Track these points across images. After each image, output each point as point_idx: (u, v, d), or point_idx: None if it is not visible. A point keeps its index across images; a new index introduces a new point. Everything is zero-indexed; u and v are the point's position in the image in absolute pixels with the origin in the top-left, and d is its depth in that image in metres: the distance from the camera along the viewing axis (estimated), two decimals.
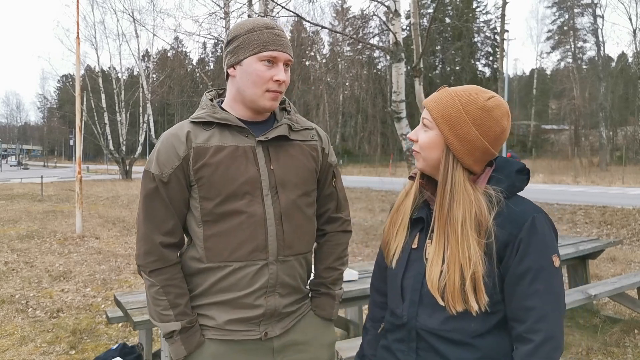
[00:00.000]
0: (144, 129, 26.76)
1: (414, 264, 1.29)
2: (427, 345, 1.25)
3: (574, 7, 41.13)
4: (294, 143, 1.50)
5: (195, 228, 1.45)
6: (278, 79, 1.41)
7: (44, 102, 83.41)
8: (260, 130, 1.47)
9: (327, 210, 1.64)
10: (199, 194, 1.42)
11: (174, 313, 1.43)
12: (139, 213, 1.47)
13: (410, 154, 6.28)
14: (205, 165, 1.40)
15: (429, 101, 1.29)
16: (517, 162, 1.31)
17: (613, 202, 13.20)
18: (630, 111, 36.88)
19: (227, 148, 1.42)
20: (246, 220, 1.41)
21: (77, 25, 9.70)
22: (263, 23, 1.45)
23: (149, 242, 1.43)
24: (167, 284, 1.43)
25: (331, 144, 1.65)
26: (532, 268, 1.18)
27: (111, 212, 12.60)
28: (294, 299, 1.53)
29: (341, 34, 13.16)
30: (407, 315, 1.28)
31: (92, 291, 5.49)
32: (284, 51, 1.43)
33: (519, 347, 1.19)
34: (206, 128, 1.44)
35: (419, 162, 1.31)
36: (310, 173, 1.53)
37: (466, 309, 1.19)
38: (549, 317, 1.17)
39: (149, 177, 1.43)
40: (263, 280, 1.43)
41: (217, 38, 12.61)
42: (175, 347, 1.44)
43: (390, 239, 1.36)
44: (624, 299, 4.17)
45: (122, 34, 33.59)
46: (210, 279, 1.44)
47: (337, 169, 1.65)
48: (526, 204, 1.24)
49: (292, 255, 1.48)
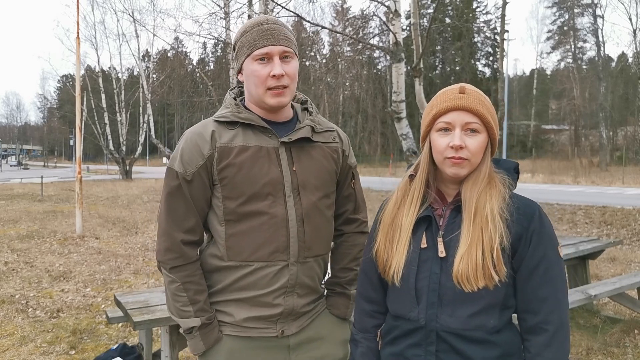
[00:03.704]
0: (144, 129, 26.73)
1: (426, 264, 1.26)
2: (447, 346, 1.23)
3: (574, 7, 41.16)
4: (315, 145, 1.50)
5: (217, 226, 1.45)
6: (274, 74, 1.39)
7: (44, 102, 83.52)
8: (282, 130, 1.46)
9: (345, 211, 1.64)
10: (222, 193, 1.42)
11: (193, 309, 1.44)
12: (161, 210, 1.47)
13: (410, 153, 6.27)
14: (229, 165, 1.40)
15: (473, 104, 1.23)
16: (512, 161, 1.35)
17: (613, 202, 13.20)
18: (630, 111, 36.87)
19: (250, 148, 1.42)
20: (268, 221, 1.41)
21: (77, 25, 9.69)
22: (253, 22, 1.44)
23: (170, 239, 1.44)
24: (187, 280, 1.44)
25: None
26: (544, 259, 1.21)
27: (111, 212, 12.60)
28: (311, 299, 1.54)
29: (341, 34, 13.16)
30: (425, 317, 1.25)
31: (92, 291, 5.48)
32: (275, 44, 1.39)
33: (532, 339, 1.21)
34: (230, 127, 1.44)
35: (464, 168, 1.24)
36: (330, 175, 1.53)
37: (486, 287, 1.19)
38: (561, 306, 1.21)
39: (172, 174, 1.44)
40: (283, 280, 1.44)
41: (217, 38, 12.61)
42: (194, 342, 1.45)
43: (391, 256, 1.31)
44: (624, 299, 4.17)
45: (122, 34, 33.51)
46: (230, 277, 1.45)
47: (356, 170, 1.65)
48: (526, 199, 1.28)
49: (312, 257, 1.49)
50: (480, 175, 1.25)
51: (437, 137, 1.25)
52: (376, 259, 1.36)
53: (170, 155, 1.60)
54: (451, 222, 1.27)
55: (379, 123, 39.52)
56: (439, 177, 1.32)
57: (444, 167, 1.25)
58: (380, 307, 1.41)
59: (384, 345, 1.37)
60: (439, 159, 1.26)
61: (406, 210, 1.32)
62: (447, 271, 1.23)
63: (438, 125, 1.26)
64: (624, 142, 35.96)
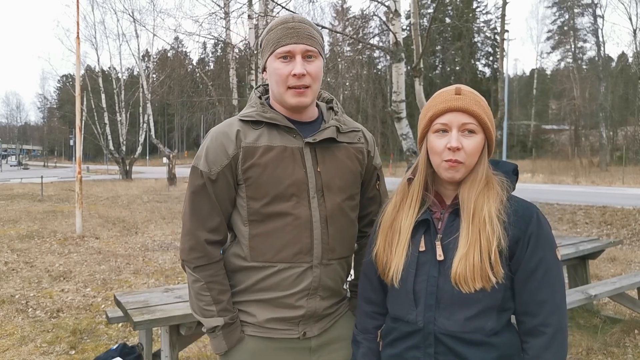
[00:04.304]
0: (144, 129, 26.74)
1: (424, 267, 1.27)
2: (446, 349, 1.23)
3: (574, 7, 41.18)
4: (340, 145, 1.48)
5: (241, 226, 1.45)
6: (295, 73, 1.37)
7: (44, 102, 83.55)
8: (307, 130, 1.45)
9: (369, 213, 1.61)
10: (247, 193, 1.41)
11: (216, 309, 1.44)
12: (185, 209, 1.47)
13: (410, 153, 6.27)
14: (254, 165, 1.39)
15: (469, 105, 1.23)
16: (511, 163, 1.35)
17: (613, 202, 13.20)
18: (630, 111, 36.89)
19: (275, 148, 1.41)
20: (292, 222, 1.40)
21: (77, 25, 9.69)
22: (279, 20, 1.43)
23: (194, 238, 1.44)
24: (210, 280, 1.44)
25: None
26: (542, 262, 1.21)
27: (111, 212, 12.59)
28: (334, 301, 1.53)
29: (341, 34, 13.15)
30: (422, 320, 1.25)
31: (92, 291, 5.48)
32: (298, 42, 1.38)
33: (531, 341, 1.22)
34: (255, 127, 1.43)
35: (459, 171, 1.24)
36: (355, 176, 1.51)
37: (483, 288, 1.19)
38: (559, 308, 1.21)
39: (197, 173, 1.43)
40: (306, 282, 1.43)
41: (217, 38, 12.62)
42: (216, 341, 1.45)
43: (390, 259, 1.32)
44: (624, 299, 4.17)
45: (122, 34, 33.57)
46: (253, 277, 1.44)
47: (381, 171, 1.63)
48: (525, 201, 1.28)
49: (335, 259, 1.48)
50: (478, 176, 1.25)
51: (434, 139, 1.26)
52: (376, 262, 1.36)
53: (169, 155, 1.60)
54: (449, 225, 1.27)
55: (379, 123, 39.51)
56: (437, 179, 1.32)
57: (440, 170, 1.26)
58: (381, 309, 1.42)
59: (383, 347, 1.38)
60: (436, 161, 1.26)
61: (405, 214, 1.32)
62: (445, 274, 1.23)
63: (435, 126, 1.26)
64: (624, 142, 35.98)
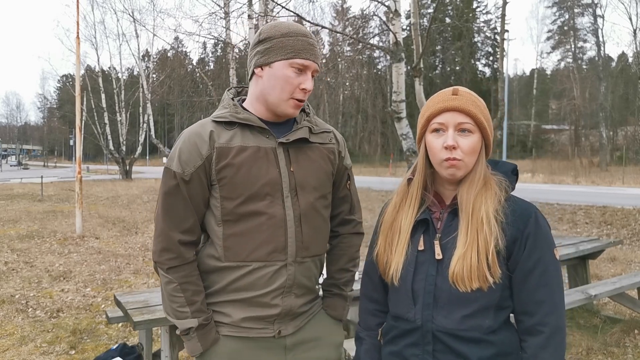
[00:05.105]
0: (144, 129, 26.73)
1: (423, 266, 1.29)
2: (444, 346, 1.25)
3: (574, 7, 41.18)
4: (313, 146, 1.51)
5: (214, 227, 1.45)
6: (305, 88, 1.42)
7: (44, 102, 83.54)
8: (280, 131, 1.47)
9: (340, 212, 1.65)
10: (220, 193, 1.42)
11: (190, 310, 1.43)
12: (158, 210, 1.46)
13: (410, 153, 6.27)
14: (228, 165, 1.40)
15: (465, 105, 1.25)
16: (510, 163, 1.36)
17: (613, 202, 13.20)
18: (630, 111, 36.89)
19: (249, 149, 1.42)
20: (266, 221, 1.41)
21: (77, 25, 9.69)
22: (298, 29, 1.44)
23: (167, 239, 1.43)
24: (184, 281, 1.44)
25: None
26: (540, 262, 1.22)
27: (111, 212, 12.60)
28: (308, 299, 1.55)
29: (341, 34, 13.16)
30: (421, 318, 1.27)
31: (92, 291, 5.49)
32: (314, 61, 1.44)
33: (529, 340, 1.23)
34: (228, 128, 1.44)
35: (460, 170, 1.25)
36: (327, 176, 1.54)
37: (480, 288, 1.21)
38: (558, 308, 1.22)
39: (170, 174, 1.43)
40: (281, 280, 1.44)
41: (217, 38, 12.62)
42: (191, 343, 1.45)
43: (390, 258, 1.34)
44: (624, 299, 4.17)
45: (122, 34, 33.42)
46: (227, 277, 1.44)
47: (351, 171, 1.66)
48: (524, 201, 1.29)
49: (309, 257, 1.49)
50: (476, 176, 1.26)
51: (431, 139, 1.28)
52: (377, 261, 1.39)
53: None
54: (448, 225, 1.29)
55: (379, 123, 39.55)
56: (437, 179, 1.33)
57: (440, 169, 1.27)
58: (383, 307, 1.44)
59: (384, 344, 1.40)
60: (436, 161, 1.28)
61: (405, 213, 1.34)
62: (443, 273, 1.25)
63: (432, 126, 1.28)
64: (624, 142, 35.98)
